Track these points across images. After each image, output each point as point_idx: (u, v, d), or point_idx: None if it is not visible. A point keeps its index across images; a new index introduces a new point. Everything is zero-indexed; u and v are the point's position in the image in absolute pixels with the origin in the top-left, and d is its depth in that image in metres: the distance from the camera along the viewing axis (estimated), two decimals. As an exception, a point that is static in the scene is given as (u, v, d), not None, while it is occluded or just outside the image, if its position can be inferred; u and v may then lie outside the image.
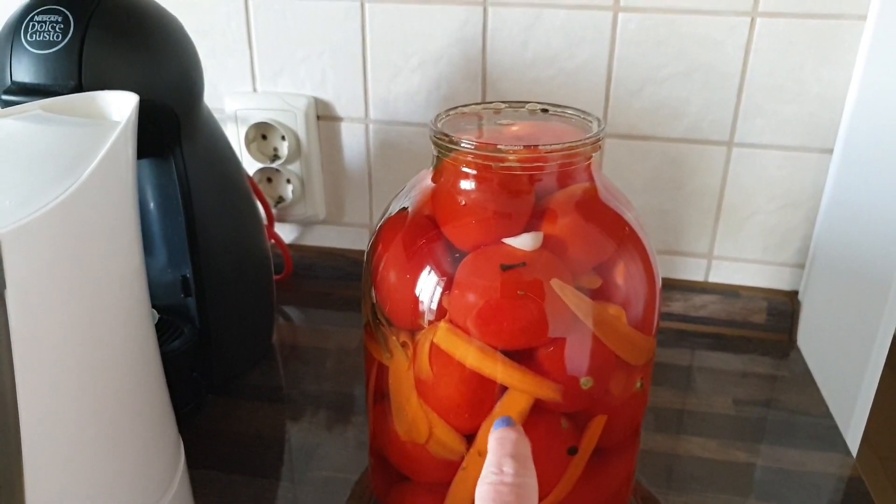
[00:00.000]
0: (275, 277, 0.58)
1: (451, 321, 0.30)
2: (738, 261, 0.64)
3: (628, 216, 0.34)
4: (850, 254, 0.59)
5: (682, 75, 0.57)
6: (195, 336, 0.49)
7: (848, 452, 0.50)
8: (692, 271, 0.65)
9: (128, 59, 0.41)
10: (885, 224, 0.57)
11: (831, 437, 0.51)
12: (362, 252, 0.73)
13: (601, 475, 0.35)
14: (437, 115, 0.34)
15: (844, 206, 0.58)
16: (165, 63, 0.43)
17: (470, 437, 0.32)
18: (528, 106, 0.36)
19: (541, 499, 0.33)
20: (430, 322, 0.31)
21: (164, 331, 0.49)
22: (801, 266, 0.63)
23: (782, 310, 0.63)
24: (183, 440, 0.41)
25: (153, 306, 0.49)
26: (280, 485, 0.45)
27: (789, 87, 0.57)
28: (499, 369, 0.30)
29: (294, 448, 0.49)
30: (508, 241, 0.30)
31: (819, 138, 0.58)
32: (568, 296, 0.30)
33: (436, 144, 0.32)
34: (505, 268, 0.30)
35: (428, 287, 0.31)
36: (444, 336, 0.31)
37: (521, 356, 0.31)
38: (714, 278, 0.65)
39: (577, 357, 0.31)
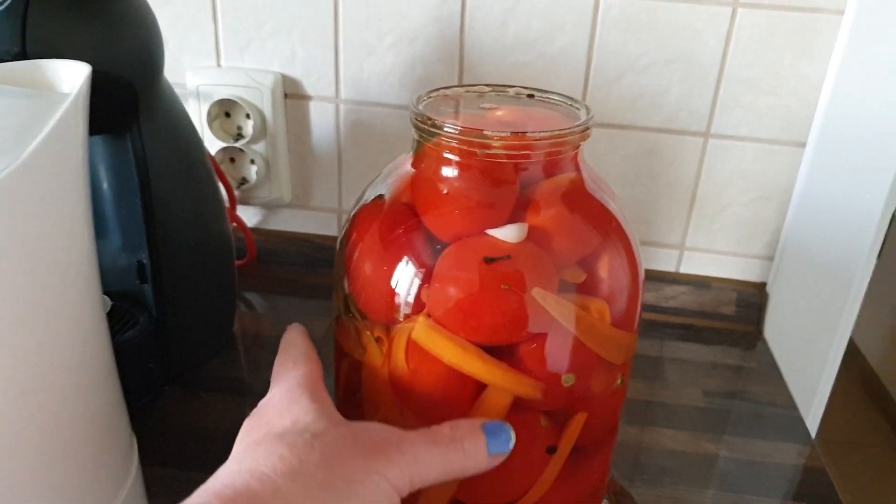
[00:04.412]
0: (237, 263, 0.56)
1: (429, 315, 0.29)
2: (709, 252, 0.64)
3: (613, 208, 0.32)
4: (817, 247, 0.59)
5: (662, 64, 0.57)
6: (151, 325, 0.47)
7: (811, 443, 0.50)
8: (664, 262, 0.65)
9: (79, 25, 0.38)
10: (852, 219, 0.58)
11: (795, 427, 0.52)
12: (330, 237, 0.71)
13: (579, 473, 0.34)
14: (419, 97, 0.32)
15: (814, 200, 0.58)
16: (122, 32, 0.40)
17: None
18: (512, 90, 0.34)
19: (517, 498, 0.32)
20: (407, 316, 0.29)
21: (119, 319, 0.47)
22: (771, 258, 0.63)
23: (751, 301, 0.63)
24: (137, 436, 0.39)
25: (106, 293, 0.46)
26: (242, 481, 0.43)
27: (767, 80, 0.56)
28: (479, 366, 0.29)
29: (257, 442, 0.47)
30: (492, 232, 0.29)
31: (794, 132, 0.58)
32: (550, 303, 0.28)
33: (417, 128, 0.30)
34: (488, 260, 0.28)
35: (405, 279, 0.29)
36: (421, 331, 0.29)
37: (502, 353, 0.29)
38: (685, 269, 0.65)
39: (560, 354, 0.30)
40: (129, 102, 0.42)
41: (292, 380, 0.29)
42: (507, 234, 0.29)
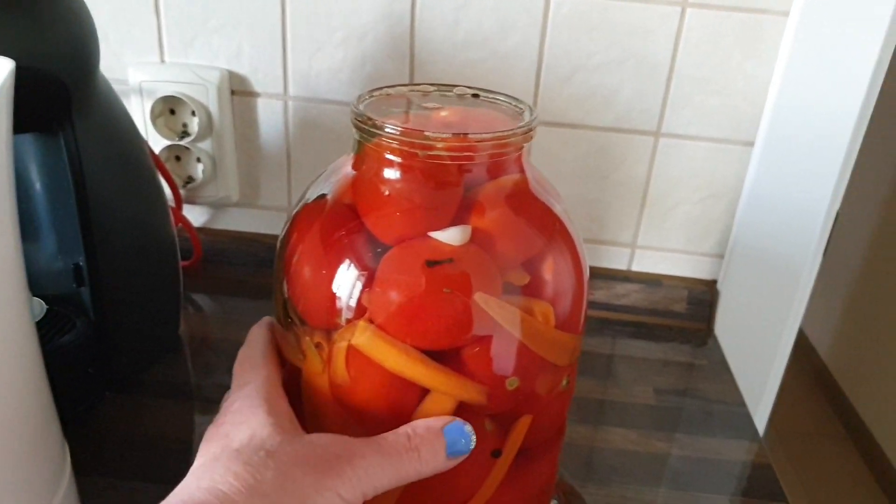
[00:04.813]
0: (183, 264, 0.54)
1: (371, 320, 0.28)
2: (661, 250, 0.64)
3: (558, 209, 0.32)
4: (765, 245, 0.61)
5: (614, 63, 0.57)
6: (89, 329, 0.45)
7: (759, 440, 0.51)
8: (616, 260, 0.65)
9: (3, 18, 0.36)
10: (799, 217, 0.59)
11: (744, 424, 0.53)
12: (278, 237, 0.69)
13: (525, 475, 0.34)
14: (360, 96, 0.31)
15: (763, 198, 0.59)
16: (50, 25, 0.38)
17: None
18: (456, 90, 0.33)
19: (462, 502, 0.32)
20: (348, 321, 0.28)
21: (54, 324, 0.44)
22: (721, 256, 0.64)
23: (702, 299, 0.64)
24: (76, 444, 0.37)
25: (42, 297, 0.45)
26: (185, 490, 0.42)
27: (716, 80, 0.57)
28: (422, 372, 0.29)
29: (202, 449, 0.45)
30: (435, 234, 0.28)
31: (742, 131, 0.59)
32: (493, 308, 0.28)
33: (357, 128, 0.30)
34: (431, 264, 0.28)
35: (347, 283, 0.28)
36: (362, 337, 0.28)
37: (445, 357, 0.29)
38: (637, 267, 0.65)
39: (504, 358, 0.29)
40: (60, 99, 0.40)
41: (251, 386, 0.30)
42: (451, 236, 0.28)
